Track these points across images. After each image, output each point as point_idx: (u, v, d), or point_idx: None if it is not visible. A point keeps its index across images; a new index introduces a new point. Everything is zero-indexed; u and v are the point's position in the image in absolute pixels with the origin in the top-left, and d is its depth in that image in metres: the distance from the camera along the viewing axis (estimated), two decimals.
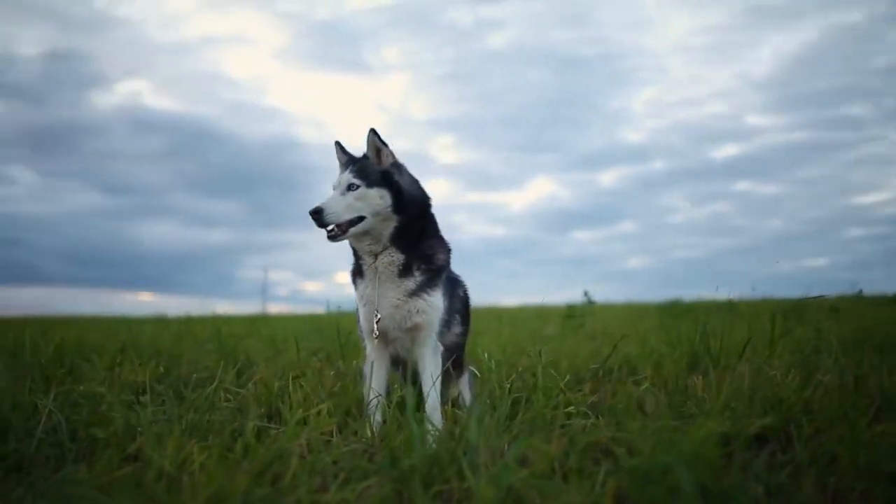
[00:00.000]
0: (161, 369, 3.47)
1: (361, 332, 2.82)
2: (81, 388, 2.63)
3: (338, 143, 2.79)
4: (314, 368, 3.58)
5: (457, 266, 2.92)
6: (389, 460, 1.83)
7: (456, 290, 2.92)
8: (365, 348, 2.81)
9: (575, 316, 7.35)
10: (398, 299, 2.65)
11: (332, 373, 3.20)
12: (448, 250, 2.85)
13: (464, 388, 3.05)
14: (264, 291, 34.37)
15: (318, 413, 2.10)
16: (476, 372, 3.33)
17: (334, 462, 1.91)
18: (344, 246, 2.73)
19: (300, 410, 2.08)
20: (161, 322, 10.11)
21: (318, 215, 2.51)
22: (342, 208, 2.55)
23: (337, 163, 2.79)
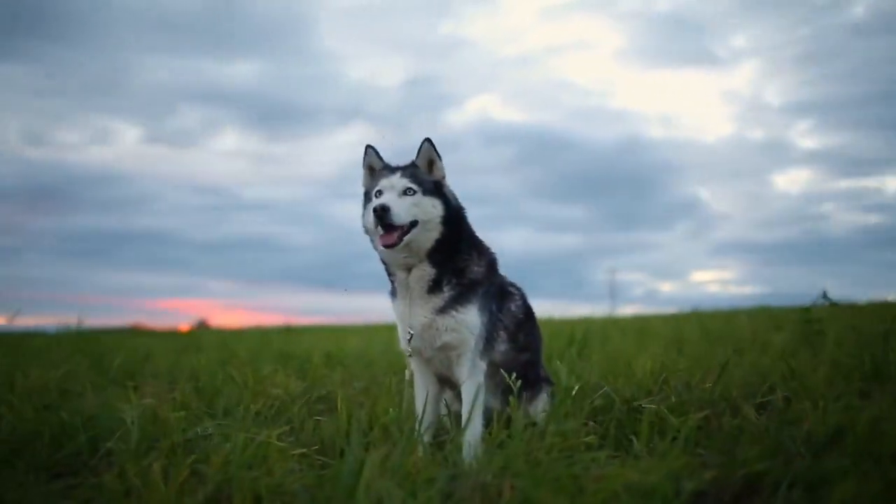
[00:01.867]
0: None
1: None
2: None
3: (371, 147, 2.70)
4: None
5: (819, 260, 2.59)
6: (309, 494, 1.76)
7: (504, 304, 2.68)
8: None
9: (811, 321, 6.18)
10: (426, 317, 2.53)
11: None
12: (489, 261, 2.65)
13: (537, 410, 2.75)
14: (612, 293, 35.34)
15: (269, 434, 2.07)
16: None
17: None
18: (699, 243, 2.57)
19: (253, 430, 2.10)
20: None
21: (385, 213, 2.37)
22: (404, 210, 2.43)
23: (361, 167, 2.71)
